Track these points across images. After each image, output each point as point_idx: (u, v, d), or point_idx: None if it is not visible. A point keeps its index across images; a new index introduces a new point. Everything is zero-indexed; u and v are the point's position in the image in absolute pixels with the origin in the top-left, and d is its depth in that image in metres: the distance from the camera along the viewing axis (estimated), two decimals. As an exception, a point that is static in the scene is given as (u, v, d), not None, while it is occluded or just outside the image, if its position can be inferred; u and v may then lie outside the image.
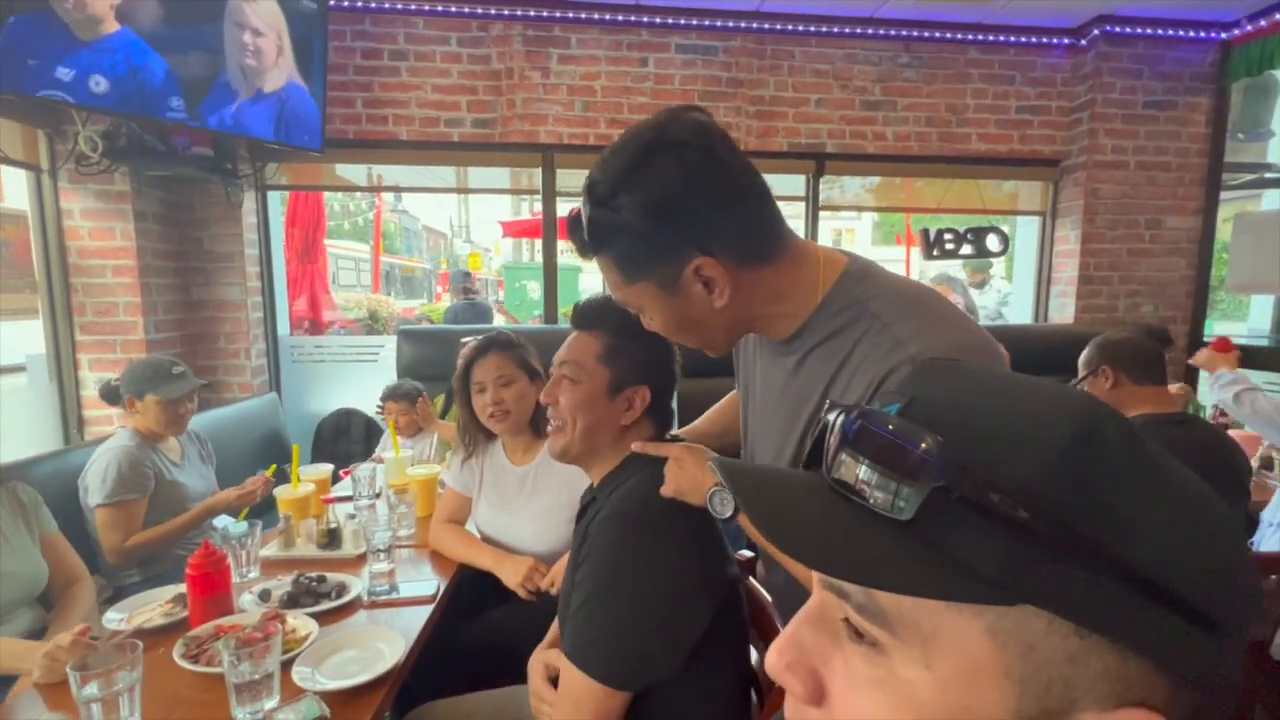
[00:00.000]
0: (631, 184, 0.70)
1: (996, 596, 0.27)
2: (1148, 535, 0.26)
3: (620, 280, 0.77)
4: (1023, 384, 0.31)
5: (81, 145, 2.32)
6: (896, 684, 0.29)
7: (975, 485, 0.27)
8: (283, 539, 1.63)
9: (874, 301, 0.75)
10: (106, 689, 0.93)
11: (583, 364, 1.00)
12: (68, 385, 2.62)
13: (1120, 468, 0.27)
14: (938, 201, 3.68)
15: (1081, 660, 0.26)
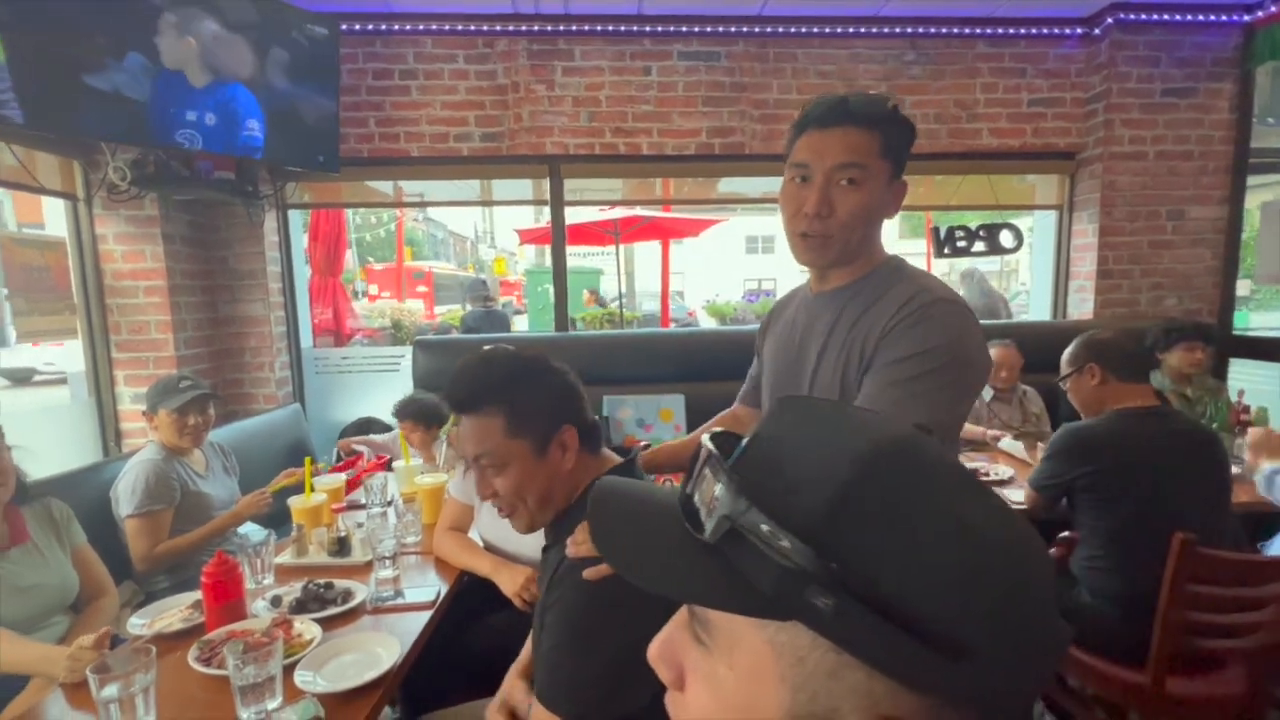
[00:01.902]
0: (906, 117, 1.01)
1: (772, 612, 0.31)
2: (895, 571, 0.30)
3: (880, 151, 0.96)
4: (839, 426, 0.35)
5: (111, 175, 2.46)
6: (713, 678, 0.35)
7: (752, 518, 0.31)
8: (296, 547, 1.71)
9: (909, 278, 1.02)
10: (124, 690, 1.01)
11: (496, 450, 0.97)
12: (105, 400, 2.76)
13: (880, 513, 0.31)
14: (948, 199, 3.63)
15: (839, 675, 0.31)
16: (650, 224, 6.11)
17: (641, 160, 3.23)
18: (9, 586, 1.41)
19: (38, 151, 2.43)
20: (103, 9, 2.17)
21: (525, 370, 1.00)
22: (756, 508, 0.32)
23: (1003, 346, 2.76)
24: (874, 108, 0.96)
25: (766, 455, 0.35)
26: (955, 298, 0.97)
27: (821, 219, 0.97)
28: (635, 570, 0.36)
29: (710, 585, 0.33)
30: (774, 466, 0.34)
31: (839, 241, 0.99)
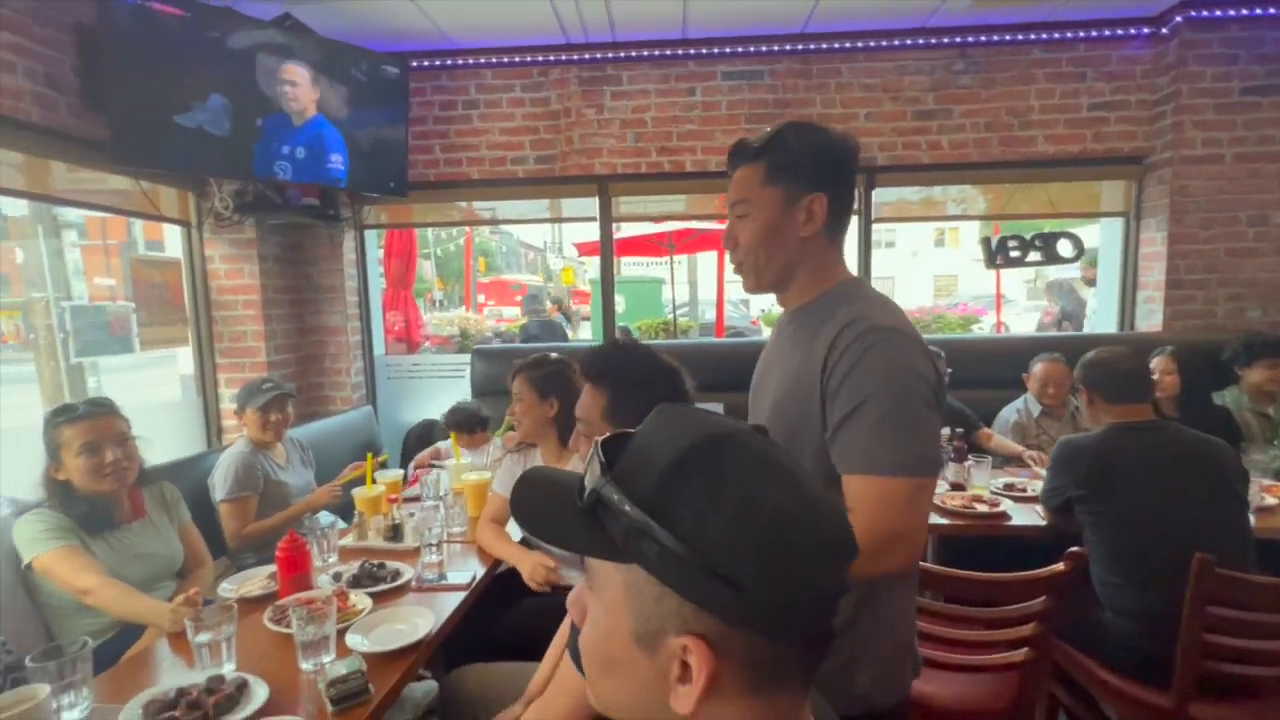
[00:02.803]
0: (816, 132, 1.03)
1: (620, 557, 0.45)
2: (699, 527, 0.42)
3: (761, 180, 1.02)
4: (683, 424, 0.47)
5: (218, 204, 2.83)
6: (595, 611, 0.49)
7: (609, 490, 0.45)
8: (357, 532, 1.94)
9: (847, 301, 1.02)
10: (212, 638, 1.23)
11: (591, 421, 1.14)
12: (210, 400, 3.15)
13: (690, 485, 0.43)
14: (1002, 208, 3.54)
15: (661, 602, 0.43)
16: (706, 235, 6.21)
17: (686, 178, 3.36)
18: (130, 553, 1.70)
19: (160, 185, 2.83)
20: (200, 57, 2.51)
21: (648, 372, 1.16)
22: (613, 483, 0.45)
23: (1050, 361, 2.68)
24: (757, 141, 1.03)
25: (635, 446, 0.48)
26: (889, 323, 0.95)
27: (731, 250, 1.08)
28: (533, 528, 0.51)
29: (584, 539, 0.47)
30: (635, 454, 0.47)
31: (750, 267, 1.06)
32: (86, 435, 1.62)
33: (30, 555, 1.55)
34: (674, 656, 0.43)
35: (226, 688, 1.13)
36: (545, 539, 0.50)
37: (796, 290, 1.08)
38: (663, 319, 7.29)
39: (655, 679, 0.44)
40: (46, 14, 2.26)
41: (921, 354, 0.96)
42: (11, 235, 7.50)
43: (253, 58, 2.62)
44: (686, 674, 0.43)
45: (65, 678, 1.09)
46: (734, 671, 0.42)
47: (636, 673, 0.45)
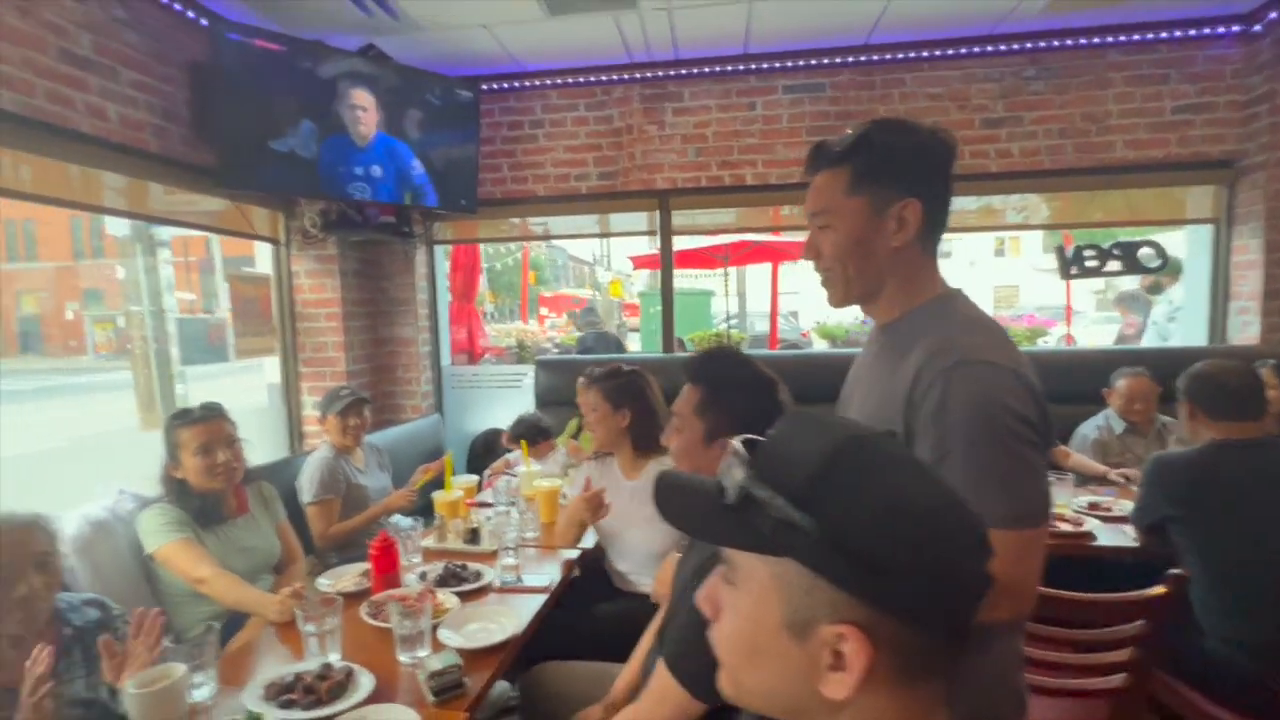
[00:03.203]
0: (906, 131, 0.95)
1: (770, 550, 0.48)
2: (851, 521, 0.45)
3: (845, 188, 0.95)
4: (823, 426, 0.51)
5: (306, 223, 3.03)
6: (736, 604, 0.52)
7: (758, 488, 0.48)
8: (437, 534, 2.02)
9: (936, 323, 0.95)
10: (319, 629, 1.31)
11: (684, 415, 1.19)
12: (293, 407, 3.35)
13: (842, 482, 0.46)
14: (1078, 216, 3.41)
15: (813, 592, 0.46)
16: (760, 247, 6.20)
17: (746, 191, 3.38)
18: (235, 546, 1.82)
19: (254, 206, 3.05)
20: (294, 87, 2.70)
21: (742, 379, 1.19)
22: (760, 480, 0.48)
23: (1134, 376, 2.56)
24: (840, 143, 0.96)
25: (772, 446, 0.52)
26: (980, 356, 0.87)
27: (814, 260, 1.02)
28: (685, 525, 0.56)
29: (732, 533, 0.50)
30: (776, 454, 0.51)
31: (838, 279, 1.00)
32: (201, 437, 1.76)
33: (152, 546, 1.69)
34: (825, 644, 0.45)
35: (336, 675, 1.21)
36: (694, 534, 0.55)
37: (884, 304, 1.01)
38: (715, 331, 7.29)
39: (805, 667, 0.47)
40: (165, 53, 2.48)
41: (1016, 387, 0.86)
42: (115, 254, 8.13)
43: (339, 86, 2.80)
44: (838, 661, 0.45)
45: (196, 658, 1.19)
46: (885, 660, 0.45)
47: (785, 661, 0.48)
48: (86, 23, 2.17)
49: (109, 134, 2.26)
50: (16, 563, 1.15)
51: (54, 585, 1.20)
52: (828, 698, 0.46)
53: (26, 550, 1.17)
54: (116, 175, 2.41)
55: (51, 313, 20.64)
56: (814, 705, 0.47)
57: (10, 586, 1.14)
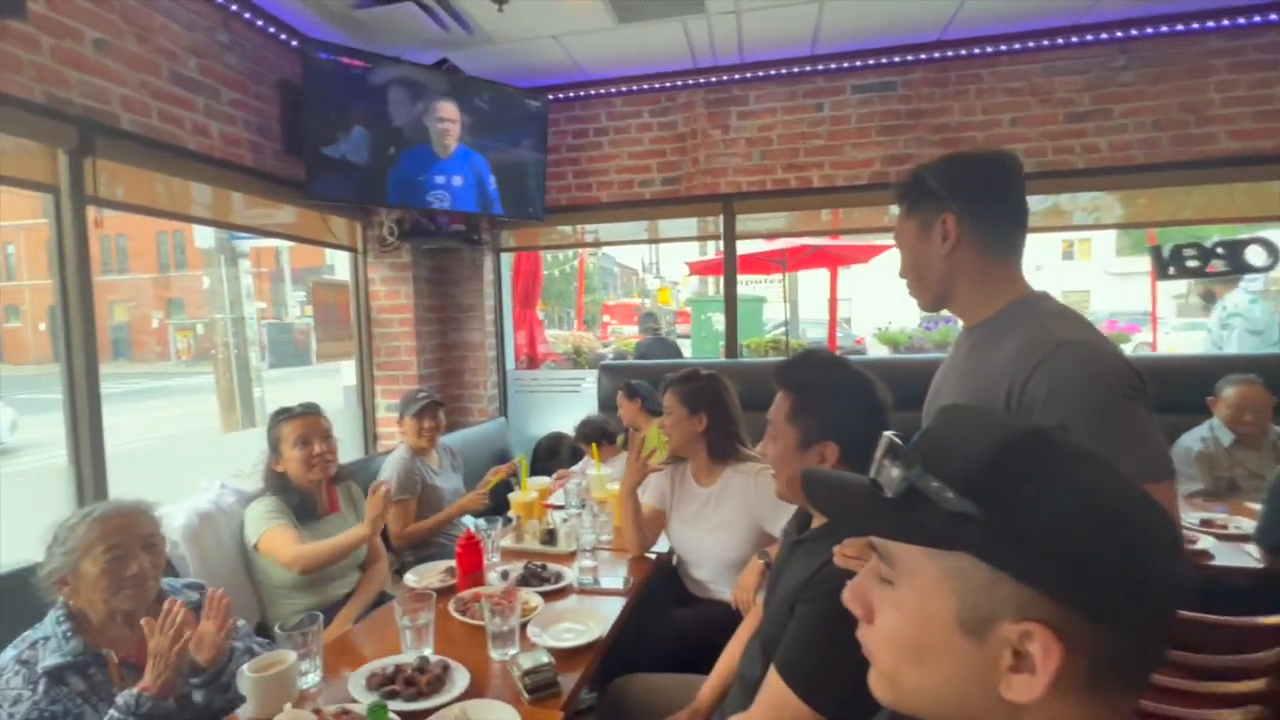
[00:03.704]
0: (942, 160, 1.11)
1: (941, 544, 0.45)
2: (1036, 514, 0.42)
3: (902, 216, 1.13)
4: (989, 419, 0.50)
5: (383, 232, 3.15)
6: (898, 602, 0.49)
7: (925, 479, 0.46)
8: (515, 534, 2.05)
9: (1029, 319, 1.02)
10: (414, 622, 1.34)
11: (777, 423, 1.17)
12: (368, 409, 3.47)
13: (1016, 472, 0.44)
14: (1174, 212, 3.20)
15: (995, 588, 0.43)
16: (818, 252, 6.09)
17: (813, 193, 3.32)
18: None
19: (333, 216, 3.19)
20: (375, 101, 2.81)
21: (835, 382, 1.16)
22: (927, 473, 0.47)
23: (1245, 384, 2.37)
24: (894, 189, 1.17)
25: (932, 440, 0.50)
26: (1077, 337, 0.94)
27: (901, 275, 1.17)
28: (844, 520, 0.56)
29: (895, 526, 0.48)
30: (939, 446, 0.49)
31: (916, 289, 1.14)
32: (300, 430, 1.86)
33: (256, 535, 1.79)
34: (1007, 643, 0.43)
35: (434, 668, 1.23)
36: (854, 528, 0.54)
37: (967, 306, 1.11)
38: (771, 338, 7.19)
39: (981, 667, 0.44)
40: (260, 73, 2.63)
41: (1118, 356, 0.94)
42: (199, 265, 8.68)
43: (416, 99, 2.91)
44: (1020, 663, 0.42)
45: (302, 646, 1.24)
46: (1075, 663, 0.42)
47: (958, 660, 0.45)
48: (193, 46, 2.32)
49: (211, 150, 2.41)
50: (128, 543, 1.24)
51: (160, 566, 1.28)
52: (1007, 700, 0.43)
53: (135, 532, 1.25)
54: (210, 188, 2.56)
55: (139, 321, 22.20)
56: (988, 708, 0.44)
57: (124, 565, 1.22)
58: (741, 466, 1.86)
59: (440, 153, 3.00)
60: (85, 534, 1.21)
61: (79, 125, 1.93)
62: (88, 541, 1.21)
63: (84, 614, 1.21)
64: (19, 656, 1.12)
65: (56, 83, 1.88)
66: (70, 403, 1.95)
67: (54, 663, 1.13)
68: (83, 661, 1.15)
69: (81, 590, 1.21)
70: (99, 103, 2.00)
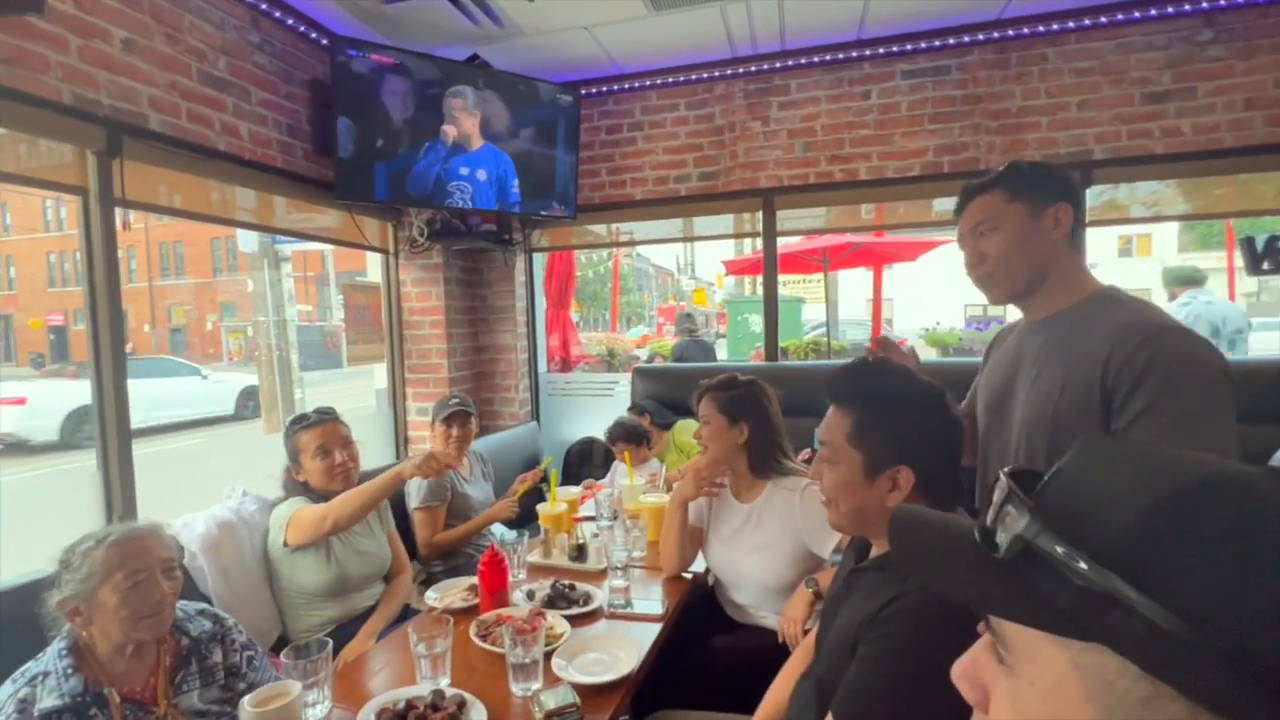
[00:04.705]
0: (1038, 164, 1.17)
1: (1069, 630, 0.33)
2: (1218, 600, 0.28)
3: (1004, 199, 1.14)
4: (1148, 460, 0.35)
5: (414, 233, 3.10)
6: (1016, 696, 0.37)
7: (1047, 540, 0.33)
8: (542, 549, 1.94)
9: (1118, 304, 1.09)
10: (430, 650, 1.24)
11: (835, 445, 0.99)
12: (399, 412, 3.43)
13: (1192, 541, 0.31)
14: (1261, 202, 2.90)
15: (1154, 705, 0.30)
16: (862, 249, 5.84)
17: (859, 186, 3.13)
18: (354, 549, 1.84)
19: (365, 217, 3.15)
20: (405, 99, 2.75)
21: (903, 394, 0.98)
22: (1051, 530, 0.34)
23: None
24: (988, 177, 1.18)
25: (1066, 486, 0.37)
26: (1175, 325, 1.02)
27: (979, 266, 1.18)
28: (937, 581, 0.41)
29: (1007, 599, 0.36)
30: (1074, 495, 0.36)
31: (1001, 276, 1.16)
32: (319, 439, 1.78)
33: (284, 521, 1.74)
34: None
35: (449, 705, 1.13)
36: (947, 593, 0.40)
37: (1045, 298, 1.15)
38: (811, 339, 6.96)
39: None
40: (290, 73, 2.60)
41: (1216, 350, 0.99)
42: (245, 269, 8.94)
43: (448, 95, 2.84)
44: None
45: (311, 675, 1.14)
46: None
47: None
48: (223, 46, 2.29)
49: (241, 151, 2.38)
50: (149, 567, 1.15)
51: (177, 592, 1.20)
52: None
53: (155, 557, 1.17)
54: (247, 191, 2.54)
55: (195, 323, 23.18)
56: None
57: (146, 592, 1.14)
58: (785, 481, 1.71)
59: (465, 148, 2.92)
60: (104, 559, 1.12)
61: (107, 126, 1.90)
62: (107, 567, 1.11)
63: (89, 647, 1.13)
64: (17, 694, 1.05)
65: (85, 83, 1.86)
66: (99, 406, 1.92)
67: (50, 705, 1.05)
68: (82, 703, 1.07)
69: (97, 619, 1.12)
70: (128, 103, 1.98)
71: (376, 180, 2.73)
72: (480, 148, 2.94)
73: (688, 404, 1.95)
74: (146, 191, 2.12)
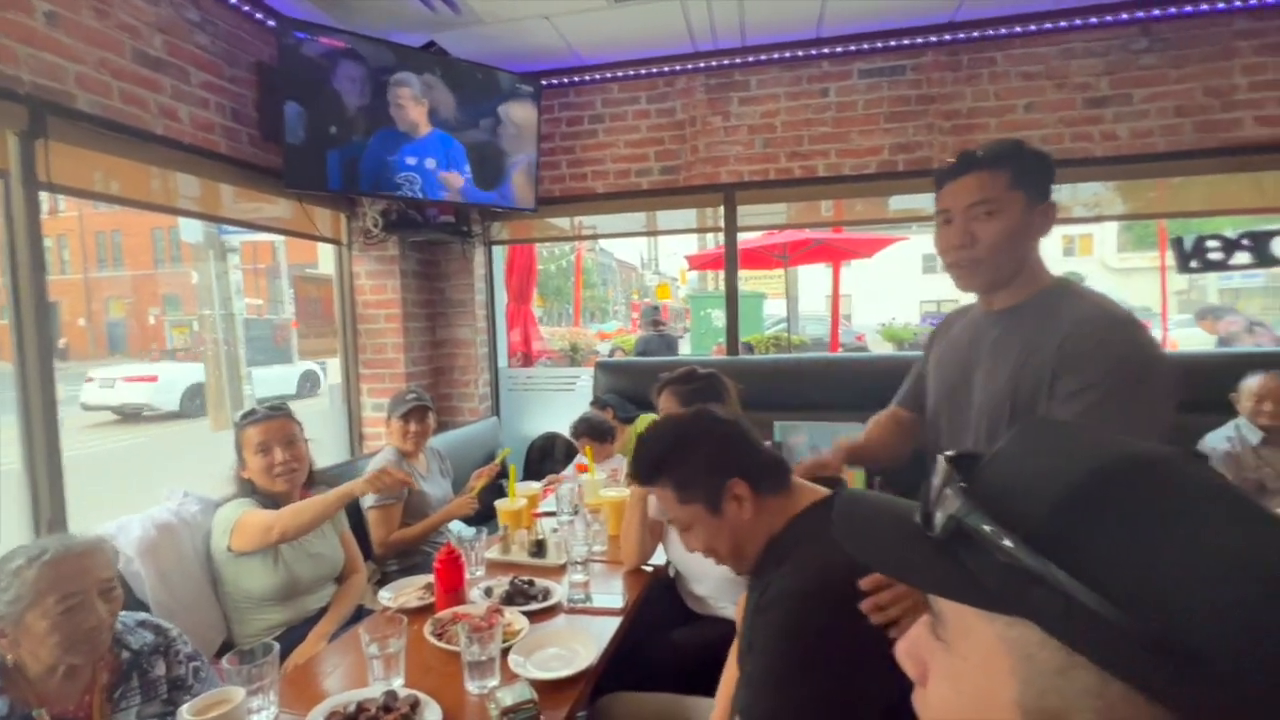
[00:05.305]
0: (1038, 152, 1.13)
1: (996, 606, 0.35)
2: (1132, 577, 0.30)
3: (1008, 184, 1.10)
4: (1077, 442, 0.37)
5: (368, 223, 3.00)
6: (950, 671, 0.39)
7: (976, 519, 0.34)
8: (501, 545, 1.92)
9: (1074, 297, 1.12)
10: (382, 650, 1.21)
11: (678, 515, 1.04)
12: (354, 408, 3.34)
13: (1115, 517, 0.32)
14: (1190, 203, 3.06)
15: (1069, 674, 0.32)
16: (821, 246, 5.94)
17: (818, 183, 3.18)
18: (305, 551, 1.77)
19: (317, 207, 3.04)
20: (355, 85, 2.65)
21: (680, 439, 1.04)
22: (981, 510, 0.35)
23: (1267, 375, 2.27)
24: (999, 148, 1.12)
25: (999, 468, 0.38)
26: (1129, 316, 1.06)
27: (966, 249, 1.13)
28: (878, 560, 0.42)
29: (940, 577, 0.37)
30: (1004, 477, 0.37)
31: (988, 264, 1.13)
32: (261, 436, 1.72)
33: (229, 525, 1.67)
34: None
35: (401, 706, 1.10)
36: (888, 572, 0.42)
37: (1013, 290, 1.16)
38: (771, 334, 7.06)
39: None
40: (234, 54, 2.48)
41: (1156, 343, 1.06)
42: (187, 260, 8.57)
43: (400, 82, 2.76)
44: None
45: (256, 681, 1.10)
46: None
47: None
48: (159, 24, 2.18)
49: (180, 135, 2.26)
50: (85, 591, 1.07)
51: (115, 613, 1.13)
52: None
53: (93, 578, 1.09)
54: (190, 178, 2.42)
55: (135, 317, 22.05)
56: None
57: (80, 617, 1.05)
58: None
59: (411, 134, 2.80)
60: (34, 581, 1.03)
61: (29, 105, 1.78)
62: (37, 590, 1.03)
63: (19, 667, 1.05)
64: None
65: (3, 58, 1.74)
66: (23, 404, 1.81)
67: None
68: None
69: (24, 643, 1.04)
70: (52, 80, 1.86)
71: (329, 168, 2.63)
72: (428, 135, 2.85)
73: (649, 398, 1.96)
74: (77, 176, 2.00)
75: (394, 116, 2.76)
